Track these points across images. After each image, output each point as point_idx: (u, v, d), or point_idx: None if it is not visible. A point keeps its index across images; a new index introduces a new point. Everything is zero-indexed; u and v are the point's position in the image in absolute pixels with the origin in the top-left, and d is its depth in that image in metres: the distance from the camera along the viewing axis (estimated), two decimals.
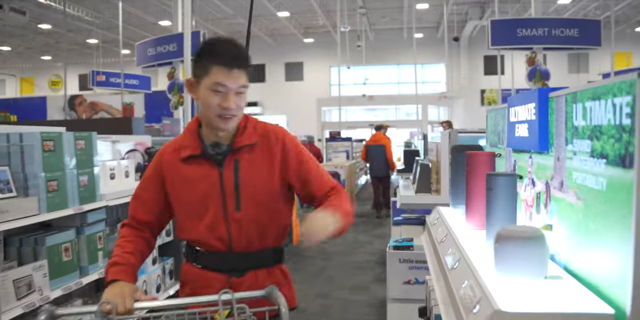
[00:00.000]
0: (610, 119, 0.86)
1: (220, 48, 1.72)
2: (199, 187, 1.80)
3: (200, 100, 1.75)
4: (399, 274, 3.13)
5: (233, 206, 1.76)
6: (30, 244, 3.08)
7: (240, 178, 1.77)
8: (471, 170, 1.48)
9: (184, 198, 1.84)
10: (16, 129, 3.08)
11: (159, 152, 1.95)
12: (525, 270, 0.95)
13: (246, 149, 1.79)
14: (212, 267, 1.81)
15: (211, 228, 1.78)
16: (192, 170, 1.81)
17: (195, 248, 1.85)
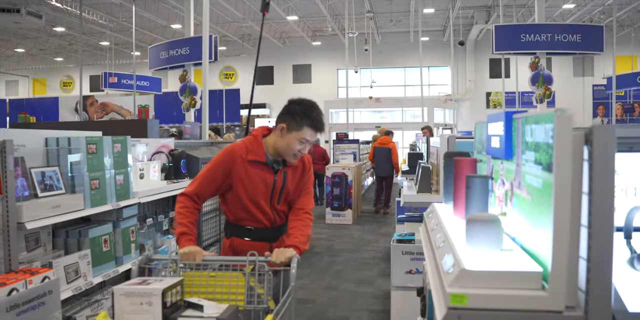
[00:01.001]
0: (543, 138, 1.23)
1: (313, 114, 2.57)
2: (258, 184, 2.61)
3: (285, 142, 2.56)
4: (401, 265, 3.50)
5: (276, 200, 2.66)
6: (75, 236, 3.47)
7: (286, 185, 2.67)
8: (457, 173, 1.85)
9: (247, 189, 2.61)
10: (64, 133, 3.47)
11: (231, 148, 2.67)
12: (486, 244, 1.32)
13: (292, 167, 2.70)
14: (260, 238, 2.65)
15: (264, 213, 2.64)
16: (256, 170, 2.61)
17: (247, 227, 2.66)
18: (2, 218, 2.80)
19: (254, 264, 2.17)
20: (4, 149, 2.76)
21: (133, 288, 1.87)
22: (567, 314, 1.16)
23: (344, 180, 9.46)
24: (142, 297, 1.84)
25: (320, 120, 2.59)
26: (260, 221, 2.65)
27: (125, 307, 1.86)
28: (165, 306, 1.84)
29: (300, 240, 2.50)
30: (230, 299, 2.12)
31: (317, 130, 2.58)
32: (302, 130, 2.54)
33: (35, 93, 31.68)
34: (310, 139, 2.60)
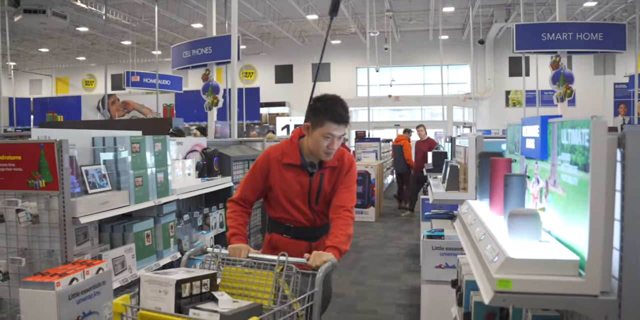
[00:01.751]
0: (579, 141, 1.36)
1: (334, 108, 2.56)
2: (294, 186, 2.68)
3: (312, 140, 2.61)
4: (431, 260, 3.64)
5: (314, 201, 2.72)
6: (120, 230, 3.66)
7: (322, 187, 2.71)
8: (493, 172, 1.99)
9: (284, 190, 2.69)
10: (110, 133, 3.67)
11: (267, 154, 2.75)
12: (526, 236, 1.47)
13: (329, 168, 2.72)
14: (299, 237, 2.72)
15: (303, 213, 2.71)
16: (291, 173, 2.68)
17: (286, 224, 2.73)
18: (59, 213, 3.00)
19: (283, 264, 2.20)
20: (60, 148, 2.95)
21: (155, 276, 2.00)
22: (602, 298, 1.30)
23: (366, 179, 9.62)
24: (160, 285, 1.95)
25: (341, 113, 2.57)
26: (299, 221, 2.71)
27: (148, 292, 1.99)
28: (180, 296, 1.92)
29: (340, 240, 2.51)
30: (258, 296, 2.15)
31: (338, 122, 2.56)
32: (324, 126, 2.55)
33: (58, 92, 32.23)
34: (336, 133, 2.57)
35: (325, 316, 4.49)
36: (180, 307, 1.91)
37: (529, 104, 18.68)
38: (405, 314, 4.64)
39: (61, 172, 2.96)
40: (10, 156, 3.02)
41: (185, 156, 4.88)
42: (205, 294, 2.02)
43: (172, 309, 1.89)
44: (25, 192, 3.03)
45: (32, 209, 2.88)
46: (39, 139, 3.13)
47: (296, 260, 2.25)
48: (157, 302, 1.95)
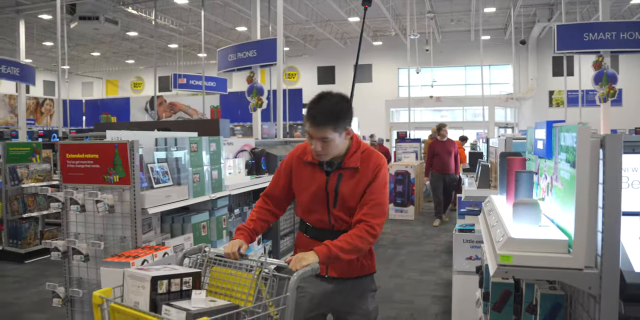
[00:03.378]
0: (570, 143, 1.67)
1: (312, 109, 2.33)
2: (312, 184, 2.51)
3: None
4: (462, 252, 3.93)
5: (332, 203, 2.47)
6: (180, 222, 4.09)
7: (340, 188, 2.45)
8: (509, 169, 2.30)
9: (301, 189, 2.56)
10: (172, 134, 4.10)
11: (294, 149, 2.68)
12: (527, 221, 1.78)
13: (350, 169, 2.46)
14: (318, 238, 2.48)
15: (318, 214, 2.51)
16: (309, 171, 2.54)
17: (307, 223, 2.59)
18: (130, 204, 3.43)
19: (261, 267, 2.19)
20: (132, 147, 3.37)
21: (136, 271, 2.06)
22: (586, 271, 1.61)
23: (406, 178, 9.89)
24: (138, 280, 2.01)
25: (314, 112, 2.32)
26: (315, 222, 2.55)
27: (129, 287, 2.05)
28: (156, 292, 1.96)
29: (339, 245, 2.28)
30: (239, 297, 2.16)
31: (311, 124, 2.32)
32: (306, 124, 2.38)
33: (108, 94, 33.47)
34: (312, 133, 2.35)
35: None
36: (156, 303, 1.96)
37: (572, 104, 18.52)
38: (440, 304, 4.94)
39: (132, 168, 3.39)
40: (89, 154, 3.47)
41: (235, 155, 5.29)
42: (187, 291, 2.07)
43: (147, 304, 1.94)
44: (101, 186, 3.48)
45: (109, 200, 3.32)
46: (112, 139, 3.57)
47: (274, 263, 2.24)
48: (136, 297, 2.00)
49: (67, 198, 3.48)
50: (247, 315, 1.99)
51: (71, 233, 3.64)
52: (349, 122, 2.41)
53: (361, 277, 2.56)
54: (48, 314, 4.79)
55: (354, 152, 2.49)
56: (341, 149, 2.46)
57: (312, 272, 2.13)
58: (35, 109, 29.54)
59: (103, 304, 1.99)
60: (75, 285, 3.66)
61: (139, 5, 18.89)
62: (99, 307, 1.99)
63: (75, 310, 3.72)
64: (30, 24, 20.41)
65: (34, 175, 7.08)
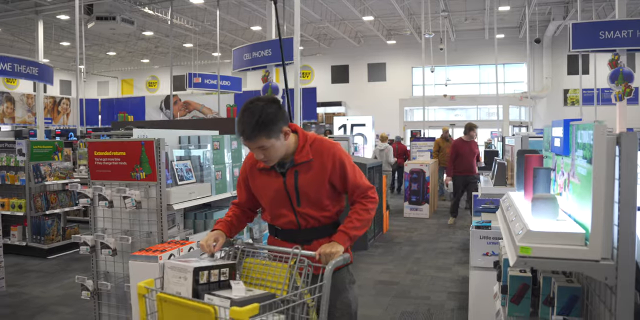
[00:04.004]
0: (587, 140, 1.74)
1: (238, 123, 2.30)
2: (270, 190, 2.51)
3: None
4: (479, 248, 4.00)
5: (295, 203, 2.49)
6: (202, 218, 4.20)
7: (299, 185, 2.46)
8: (527, 166, 2.37)
9: (261, 196, 2.58)
10: (195, 133, 4.21)
11: (246, 158, 2.66)
12: (545, 214, 1.85)
13: (304, 164, 2.45)
14: (288, 239, 2.54)
15: (284, 216, 2.53)
16: (265, 177, 2.52)
17: (275, 226, 2.61)
18: (157, 200, 3.54)
19: (296, 257, 2.28)
20: (159, 145, 3.49)
21: (177, 263, 2.15)
22: (603, 262, 1.68)
23: (421, 176, 9.96)
24: (180, 271, 2.10)
25: (241, 127, 2.30)
26: (283, 225, 2.57)
27: (170, 278, 2.13)
28: (198, 283, 2.05)
29: (353, 226, 2.44)
30: (273, 286, 2.26)
31: (241, 137, 2.33)
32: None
33: (123, 93, 33.80)
34: (250, 146, 2.36)
35: (381, 301, 4.93)
36: (198, 293, 2.04)
37: (588, 103, 18.45)
38: (456, 300, 5.01)
39: (159, 165, 3.50)
40: (117, 152, 3.59)
41: None
42: (225, 282, 2.16)
43: (189, 294, 2.02)
44: (128, 183, 3.60)
45: (136, 196, 3.43)
46: (138, 137, 3.68)
47: (309, 254, 2.31)
48: (177, 287, 2.08)
49: (96, 194, 3.60)
50: (282, 304, 2.05)
51: (98, 228, 3.77)
52: (283, 124, 2.35)
53: (338, 270, 2.52)
54: (73, 307, 4.93)
55: (302, 146, 2.47)
56: (288, 148, 2.44)
57: (343, 262, 2.27)
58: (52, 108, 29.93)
59: (148, 294, 2.07)
60: (102, 279, 3.79)
61: (155, 5, 19.09)
62: (144, 297, 2.07)
63: (102, 303, 3.85)
64: (48, 25, 20.71)
65: (56, 172, 7.24)
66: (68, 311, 4.85)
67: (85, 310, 4.80)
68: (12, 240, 7.09)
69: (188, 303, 1.89)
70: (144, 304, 2.07)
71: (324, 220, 2.54)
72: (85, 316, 4.65)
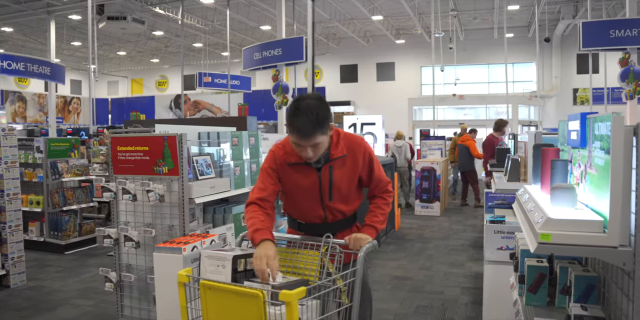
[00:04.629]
0: (604, 131, 1.81)
1: (296, 122, 2.29)
2: (303, 184, 2.51)
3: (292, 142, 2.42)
4: (493, 242, 4.06)
5: (327, 198, 2.53)
6: (221, 212, 4.29)
7: (334, 180, 2.50)
8: (544, 159, 2.44)
9: (292, 189, 2.56)
10: (214, 129, 4.30)
11: (272, 150, 2.59)
12: (564, 203, 1.93)
13: (339, 159, 2.50)
14: (311, 233, 2.56)
15: (312, 210, 2.56)
16: (297, 173, 2.51)
17: (298, 220, 2.64)
18: (179, 194, 3.63)
19: (328, 245, 2.39)
20: (181, 140, 3.58)
21: (214, 252, 2.19)
22: (621, 249, 1.75)
23: (432, 174, 10.02)
24: (218, 260, 2.15)
25: (299, 125, 2.29)
26: (310, 219, 2.60)
27: (207, 267, 2.18)
28: (236, 271, 2.12)
29: (378, 220, 2.55)
30: (305, 273, 2.35)
31: (298, 135, 2.32)
32: (290, 134, 2.36)
33: (133, 92, 34.02)
34: (301, 144, 2.35)
35: (396, 295, 5.00)
36: (236, 280, 2.11)
37: (598, 102, 18.41)
38: (469, 295, 5.07)
39: (181, 160, 3.59)
40: (139, 147, 3.68)
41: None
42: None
43: (229, 281, 2.08)
44: (151, 177, 3.70)
45: (159, 190, 3.53)
46: (160, 133, 3.78)
47: (339, 242, 2.41)
48: (215, 275, 2.13)
49: (119, 188, 3.69)
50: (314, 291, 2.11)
51: (121, 222, 3.86)
52: (331, 119, 2.40)
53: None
54: (94, 300, 5.03)
55: (336, 142, 2.51)
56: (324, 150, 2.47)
57: (373, 248, 2.37)
58: (63, 107, 30.21)
59: (189, 283, 2.10)
60: (125, 271, 3.88)
61: (166, 5, 19.22)
62: (185, 285, 2.10)
63: (124, 295, 3.95)
64: (60, 25, 20.89)
65: (73, 169, 7.36)
66: (88, 304, 4.95)
67: (105, 303, 4.91)
68: (30, 236, 7.21)
69: (236, 289, 1.92)
70: (184, 292, 2.12)
71: (348, 214, 2.62)
72: (105, 309, 4.75)
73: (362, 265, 2.26)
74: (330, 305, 2.28)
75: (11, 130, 5.61)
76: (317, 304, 2.13)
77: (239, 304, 1.91)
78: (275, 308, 1.91)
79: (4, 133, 5.52)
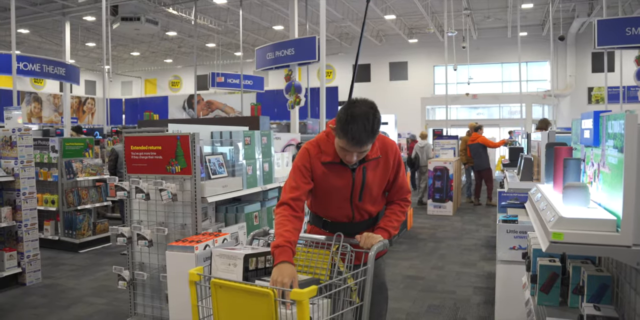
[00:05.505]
0: (618, 130, 1.80)
1: (351, 130, 2.28)
2: (336, 183, 2.52)
3: (336, 145, 2.43)
4: (506, 242, 4.04)
5: (357, 198, 2.55)
6: (233, 211, 4.30)
7: (366, 181, 2.53)
8: (557, 158, 2.42)
9: (324, 188, 2.55)
10: (227, 128, 4.31)
11: (306, 148, 2.57)
12: (577, 202, 1.91)
13: (373, 160, 2.53)
14: (337, 231, 2.49)
15: (340, 210, 2.58)
16: (331, 172, 2.51)
17: (324, 219, 2.65)
18: (191, 193, 3.65)
19: (339, 244, 2.39)
20: (194, 139, 3.59)
21: (225, 251, 2.19)
22: (635, 248, 1.73)
23: (445, 174, 9.98)
24: (230, 259, 2.15)
25: (356, 136, 2.29)
26: (337, 217, 2.61)
27: (219, 265, 2.18)
28: (247, 270, 2.12)
29: (392, 225, 2.57)
30: (316, 272, 2.35)
31: (353, 144, 2.33)
32: (341, 140, 2.35)
33: (146, 92, 34.22)
34: (351, 150, 2.37)
35: (409, 294, 4.99)
36: (248, 279, 2.11)
37: (613, 101, 18.22)
38: (482, 294, 5.05)
39: (194, 159, 3.61)
40: (153, 146, 3.71)
41: (282, 149, 5.50)
42: (269, 268, 2.22)
43: (240, 280, 2.08)
44: (163, 176, 3.72)
45: (172, 189, 3.55)
46: (173, 132, 3.80)
47: (350, 241, 2.42)
48: (226, 274, 2.13)
49: (133, 187, 3.72)
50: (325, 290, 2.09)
51: (134, 220, 3.89)
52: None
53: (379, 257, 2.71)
54: (107, 299, 5.07)
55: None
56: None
57: (384, 247, 2.37)
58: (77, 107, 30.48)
59: (200, 281, 2.09)
60: (138, 269, 3.91)
61: (179, 6, 19.32)
62: (196, 284, 2.09)
63: (137, 293, 3.98)
64: (74, 26, 21.08)
65: (87, 169, 7.43)
66: (102, 302, 5.00)
67: (119, 301, 4.95)
68: (45, 234, 7.29)
69: (248, 288, 1.92)
70: (195, 291, 2.12)
71: (373, 215, 2.66)
72: (118, 307, 4.79)
73: (373, 263, 2.25)
74: (341, 304, 2.27)
75: (27, 130, 5.67)
76: (328, 303, 2.12)
77: (250, 302, 1.91)
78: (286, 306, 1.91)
79: (20, 133, 5.58)
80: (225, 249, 2.23)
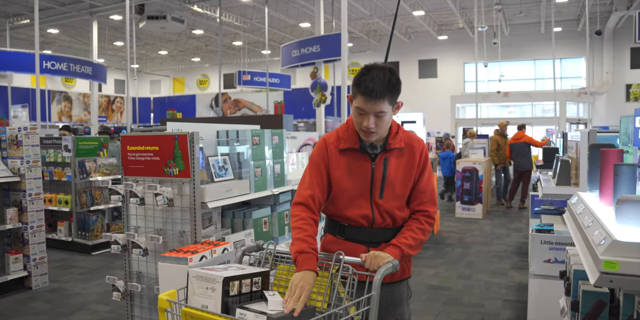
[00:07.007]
0: None
1: (365, 80, 2.07)
2: (352, 174, 2.22)
3: (352, 115, 2.21)
4: (540, 254, 3.64)
5: (377, 194, 2.21)
6: (241, 217, 3.98)
7: (387, 174, 2.21)
8: (604, 163, 2.02)
9: (340, 180, 2.23)
10: (234, 127, 3.99)
11: (323, 138, 2.34)
12: (634, 221, 1.52)
13: (395, 151, 2.24)
14: (354, 239, 2.24)
15: (359, 208, 2.22)
16: (349, 159, 2.23)
17: (340, 223, 2.28)
18: (190, 198, 3.34)
19: (339, 265, 2.00)
20: (192, 139, 3.28)
21: (204, 272, 1.85)
22: None
23: (474, 175, 9.51)
24: (208, 282, 1.82)
25: (369, 84, 2.06)
26: (355, 219, 2.24)
27: (196, 289, 1.85)
28: (228, 294, 1.78)
29: (407, 242, 2.14)
30: (312, 297, 1.95)
31: (366, 96, 2.07)
32: (356, 98, 2.12)
33: (175, 91, 34.35)
34: (367, 109, 2.09)
35: (431, 307, 4.61)
36: (228, 306, 1.77)
37: None
38: (512, 309, 4.63)
39: (192, 161, 3.29)
40: (150, 147, 3.40)
41: (299, 149, 5.16)
42: (257, 292, 1.89)
43: (218, 308, 1.75)
44: (161, 179, 3.41)
45: (168, 194, 3.24)
46: (172, 131, 3.49)
47: (353, 260, 2.02)
48: (204, 300, 1.81)
49: (127, 191, 3.43)
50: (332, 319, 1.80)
51: (131, 226, 3.60)
52: (399, 95, 2.18)
53: (399, 281, 2.31)
54: (111, 306, 4.82)
55: (395, 132, 2.27)
56: (386, 129, 2.22)
57: (393, 269, 1.94)
58: (107, 106, 30.76)
59: (171, 308, 1.82)
60: (134, 279, 3.62)
61: (204, 4, 19.17)
62: (166, 312, 1.82)
63: (134, 304, 3.68)
64: (102, 25, 21.14)
65: (101, 169, 7.21)
66: (105, 310, 4.74)
67: (122, 309, 4.65)
68: (58, 235, 7.11)
69: None
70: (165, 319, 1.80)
71: (398, 222, 2.26)
72: (122, 316, 4.52)
73: (379, 291, 1.85)
74: None
75: (33, 129, 5.45)
76: None
77: None
78: None
79: (26, 132, 5.36)
80: (204, 269, 1.88)
